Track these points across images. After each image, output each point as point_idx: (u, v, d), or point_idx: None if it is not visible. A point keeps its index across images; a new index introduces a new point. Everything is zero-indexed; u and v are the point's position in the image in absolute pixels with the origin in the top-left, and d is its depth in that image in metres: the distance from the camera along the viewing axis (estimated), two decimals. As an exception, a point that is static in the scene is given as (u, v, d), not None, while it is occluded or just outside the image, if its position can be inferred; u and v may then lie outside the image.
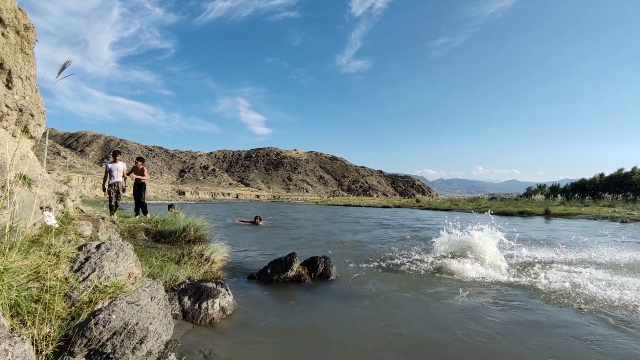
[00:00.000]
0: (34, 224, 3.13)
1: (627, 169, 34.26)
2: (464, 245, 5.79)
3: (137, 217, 8.70)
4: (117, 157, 8.81)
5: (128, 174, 9.02)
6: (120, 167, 8.70)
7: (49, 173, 7.34)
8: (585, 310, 3.37)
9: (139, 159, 9.61)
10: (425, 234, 10.13)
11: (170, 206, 12.36)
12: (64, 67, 1.60)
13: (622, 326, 2.97)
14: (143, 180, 9.48)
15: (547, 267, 5.22)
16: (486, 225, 6.07)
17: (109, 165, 8.62)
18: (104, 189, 8.58)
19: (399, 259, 5.86)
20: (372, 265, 5.41)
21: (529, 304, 3.59)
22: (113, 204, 8.53)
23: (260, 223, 12.86)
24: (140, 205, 9.23)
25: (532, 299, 3.78)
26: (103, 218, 6.55)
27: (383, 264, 5.51)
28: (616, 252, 6.32)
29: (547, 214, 18.76)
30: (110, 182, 8.50)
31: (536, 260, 5.64)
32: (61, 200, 5.63)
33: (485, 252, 5.40)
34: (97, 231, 5.23)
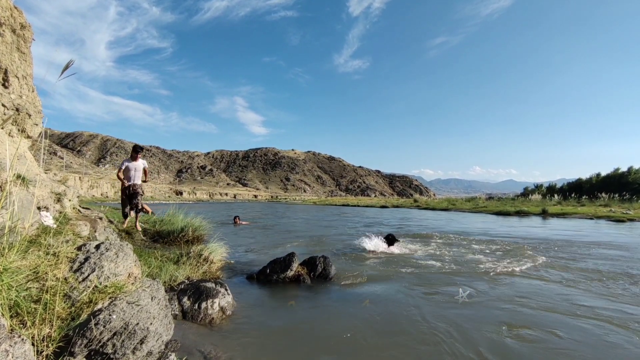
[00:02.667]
0: (31, 224, 3.11)
1: (623, 168, 34.54)
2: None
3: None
4: (138, 154, 6.95)
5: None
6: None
7: (45, 173, 7.30)
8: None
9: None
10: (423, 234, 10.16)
11: None
12: (66, 67, 1.59)
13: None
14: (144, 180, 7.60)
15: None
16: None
17: (126, 164, 6.85)
18: (123, 193, 6.93)
19: (398, 259, 5.88)
20: (370, 265, 5.41)
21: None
22: (127, 210, 6.97)
23: (242, 223, 12.86)
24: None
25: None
26: (101, 218, 6.52)
27: (382, 264, 5.51)
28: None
29: (544, 214, 18.85)
30: (127, 185, 6.86)
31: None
32: (58, 200, 5.59)
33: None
34: (95, 231, 5.21)
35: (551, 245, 7.50)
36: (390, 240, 6.90)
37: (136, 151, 6.92)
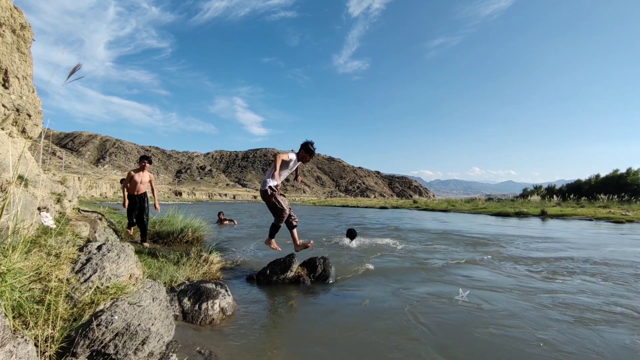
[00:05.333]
0: (31, 225, 3.12)
1: (622, 170, 34.63)
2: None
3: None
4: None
5: (125, 181, 6.47)
6: (145, 179, 6.47)
7: (45, 173, 7.30)
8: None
9: (144, 158, 6.55)
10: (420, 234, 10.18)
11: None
12: (74, 71, 1.60)
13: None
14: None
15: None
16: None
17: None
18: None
19: (397, 259, 5.89)
20: (369, 266, 5.42)
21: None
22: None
23: (226, 220, 12.83)
24: (140, 224, 6.48)
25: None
26: (100, 219, 6.53)
27: (380, 264, 5.53)
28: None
29: (543, 215, 18.88)
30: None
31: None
32: (58, 200, 5.60)
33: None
34: (95, 232, 5.21)
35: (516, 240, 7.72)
36: (351, 234, 7.52)
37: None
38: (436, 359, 2.42)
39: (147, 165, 6.55)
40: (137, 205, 6.47)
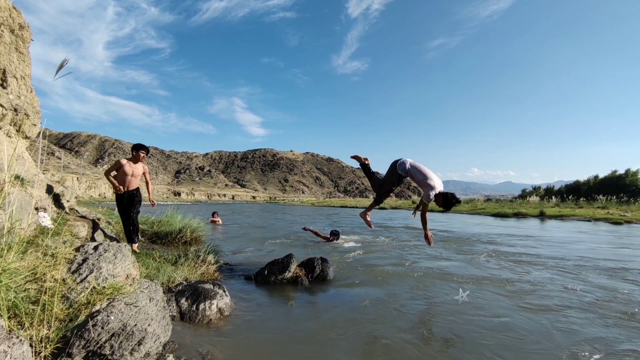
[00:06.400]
0: (29, 225, 3.11)
1: (621, 171, 34.68)
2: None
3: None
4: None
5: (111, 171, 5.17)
6: (138, 171, 5.24)
7: (43, 173, 7.28)
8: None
9: (140, 147, 5.32)
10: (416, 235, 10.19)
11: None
12: (61, 66, 1.59)
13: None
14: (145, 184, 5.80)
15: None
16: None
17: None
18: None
19: (395, 259, 5.89)
20: (367, 266, 5.42)
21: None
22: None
23: (217, 220, 12.72)
24: (130, 222, 5.20)
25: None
26: (99, 219, 6.51)
27: (378, 265, 5.52)
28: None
29: (542, 216, 18.90)
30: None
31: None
32: (56, 201, 5.58)
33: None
34: (93, 232, 5.20)
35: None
36: (335, 234, 8.28)
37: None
38: (436, 358, 2.43)
39: (144, 156, 5.26)
40: (125, 204, 5.10)
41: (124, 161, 5.12)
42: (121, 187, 5.06)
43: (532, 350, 2.58)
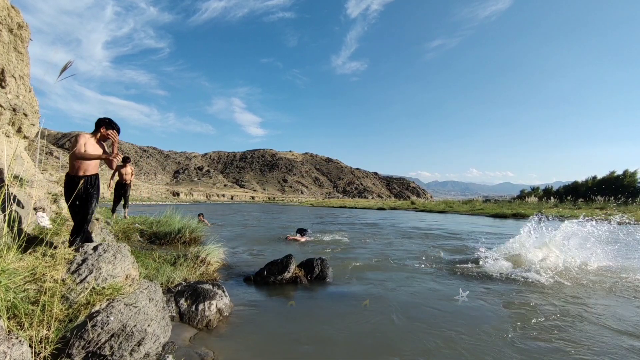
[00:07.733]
0: (28, 225, 3.10)
1: (619, 172, 34.80)
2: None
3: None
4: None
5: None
6: (97, 150, 4.07)
7: (42, 173, 7.26)
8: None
9: (108, 123, 3.99)
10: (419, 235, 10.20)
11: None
12: (65, 68, 1.59)
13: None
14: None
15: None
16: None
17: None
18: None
19: (394, 259, 5.89)
20: (367, 266, 5.43)
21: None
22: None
23: (204, 222, 12.60)
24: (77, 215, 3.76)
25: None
26: (97, 219, 6.49)
27: (377, 265, 5.53)
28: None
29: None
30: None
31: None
32: (55, 201, 5.57)
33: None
34: (92, 232, 5.18)
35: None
36: (301, 231, 8.84)
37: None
38: (436, 358, 2.43)
39: (107, 132, 3.78)
40: (79, 192, 3.49)
41: (84, 137, 3.75)
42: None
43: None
